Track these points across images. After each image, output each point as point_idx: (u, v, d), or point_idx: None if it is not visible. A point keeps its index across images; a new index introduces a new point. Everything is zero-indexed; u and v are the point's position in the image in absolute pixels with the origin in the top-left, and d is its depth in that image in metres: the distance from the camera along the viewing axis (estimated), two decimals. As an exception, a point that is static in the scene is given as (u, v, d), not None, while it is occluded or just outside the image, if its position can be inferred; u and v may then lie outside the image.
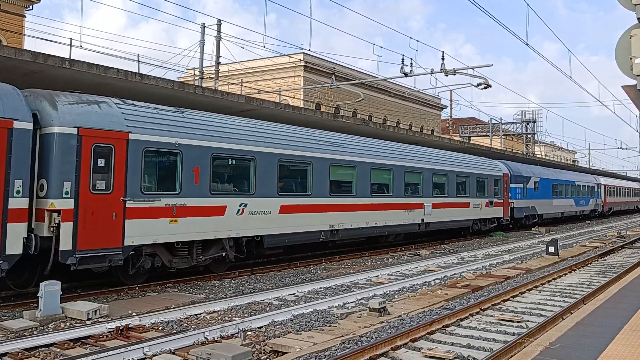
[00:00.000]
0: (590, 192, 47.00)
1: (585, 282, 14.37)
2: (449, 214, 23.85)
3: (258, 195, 14.59)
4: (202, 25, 28.38)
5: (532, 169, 34.92)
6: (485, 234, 28.15)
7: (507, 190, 29.86)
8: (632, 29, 7.58)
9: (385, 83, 49.36)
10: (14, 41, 32.19)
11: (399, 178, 20.69)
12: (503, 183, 29.23)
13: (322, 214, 16.79)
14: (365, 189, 18.79)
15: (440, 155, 24.61)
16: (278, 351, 7.85)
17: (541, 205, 35.14)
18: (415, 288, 13.17)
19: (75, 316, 9.43)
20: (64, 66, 12.82)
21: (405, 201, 20.93)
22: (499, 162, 30.67)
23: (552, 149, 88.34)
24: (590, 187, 47.26)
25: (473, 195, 25.94)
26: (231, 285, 13.29)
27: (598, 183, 50.04)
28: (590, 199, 46.85)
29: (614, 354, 6.29)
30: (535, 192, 33.87)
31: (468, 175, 25.69)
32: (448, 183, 23.97)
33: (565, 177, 41.00)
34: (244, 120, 15.60)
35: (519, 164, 34.36)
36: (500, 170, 29.57)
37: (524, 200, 32.36)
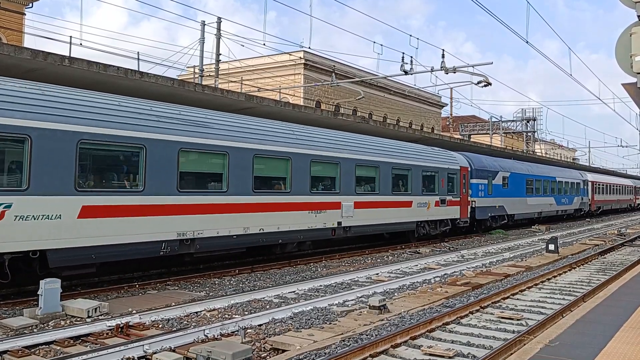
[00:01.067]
0: (575, 189, 42.51)
1: (585, 279, 14.38)
2: (380, 215, 19.38)
3: (35, 192, 10.16)
4: (202, 23, 28.36)
5: (500, 163, 30.42)
6: (432, 238, 23.64)
7: (467, 187, 25.33)
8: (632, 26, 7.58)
9: (385, 81, 49.34)
10: (14, 39, 32.16)
11: (302, 170, 16.03)
12: (461, 178, 24.73)
13: (164, 217, 12.22)
14: (244, 185, 14.19)
15: (367, 142, 19.75)
16: (278, 349, 7.86)
17: (512, 204, 30.68)
18: (415, 286, 13.18)
19: (75, 314, 9.44)
20: (64, 64, 12.82)
21: (312, 199, 16.38)
22: (456, 153, 26.05)
23: (552, 147, 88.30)
24: (575, 183, 42.72)
25: (417, 192, 21.59)
26: (231, 283, 13.29)
27: (585, 179, 45.64)
28: (574, 196, 42.41)
29: (614, 351, 6.29)
30: (503, 189, 29.49)
31: (410, 167, 21.19)
32: (380, 177, 19.40)
33: (543, 172, 36.48)
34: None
35: (484, 156, 29.70)
36: (457, 163, 24.86)
37: (488, 199, 27.75)
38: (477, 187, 26.77)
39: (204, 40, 28.14)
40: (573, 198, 42.04)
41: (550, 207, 37.06)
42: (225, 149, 13.71)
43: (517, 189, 31.59)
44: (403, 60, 22.54)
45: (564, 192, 39.97)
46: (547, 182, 36.49)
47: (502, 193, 29.47)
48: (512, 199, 30.61)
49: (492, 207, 28.27)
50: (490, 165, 28.62)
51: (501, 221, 29.85)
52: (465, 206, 25.34)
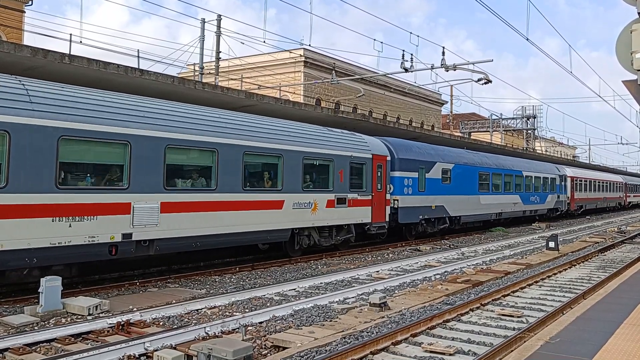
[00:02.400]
0: (549, 186, 36.39)
1: (586, 277, 14.39)
2: (217, 221, 13.38)
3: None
4: (202, 20, 28.35)
5: (441, 152, 24.45)
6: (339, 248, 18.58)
7: (384, 182, 19.63)
8: (632, 23, 7.57)
9: (385, 79, 49.28)
10: (14, 37, 32.13)
11: (43, 154, 10.27)
12: (374, 169, 19.08)
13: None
14: None
15: (195, 114, 13.48)
16: (279, 346, 7.87)
17: (456, 203, 24.58)
18: (415, 283, 13.19)
19: (76, 311, 9.45)
20: (64, 62, 12.81)
21: (62, 201, 10.51)
22: (370, 137, 20.26)
23: (552, 145, 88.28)
24: (549, 179, 36.51)
25: (293, 187, 15.70)
26: (232, 280, 13.30)
27: (562, 174, 39.28)
28: (549, 194, 36.28)
29: (615, 348, 6.30)
30: (444, 184, 23.69)
31: (280, 154, 15.23)
32: (219, 166, 13.49)
33: (504, 165, 30.42)
34: None
35: (415, 143, 23.66)
36: (367, 149, 19.05)
37: (419, 197, 21.94)
38: (401, 182, 20.91)
39: (204, 37, 28.14)
40: (546, 196, 35.89)
41: (514, 207, 31.08)
42: None
43: (466, 184, 25.59)
44: (403, 57, 22.55)
45: (534, 188, 33.97)
46: (509, 176, 30.56)
47: (442, 189, 23.58)
48: (456, 197, 24.55)
49: (424, 207, 22.24)
50: (422, 154, 22.65)
51: (440, 225, 23.91)
52: (382, 207, 19.43)
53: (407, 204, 21.23)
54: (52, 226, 10.28)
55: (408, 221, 21.66)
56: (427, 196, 22.58)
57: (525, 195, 32.74)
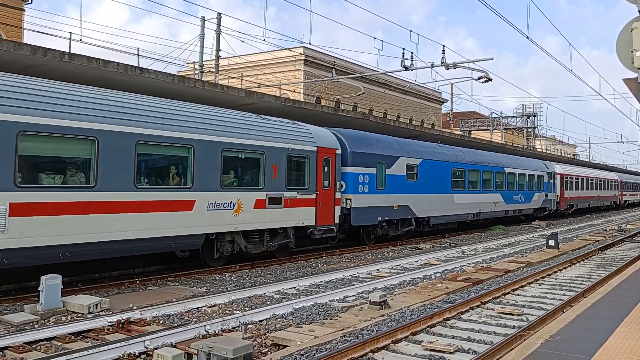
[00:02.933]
0: (535, 184, 33.86)
1: (586, 275, 14.39)
2: (96, 225, 10.91)
3: None
4: (202, 19, 28.32)
5: (405, 145, 21.76)
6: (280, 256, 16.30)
7: (333, 178, 17.16)
8: (633, 21, 7.57)
9: (385, 77, 49.29)
10: (13, 35, 32.12)
11: None
12: (319, 164, 16.58)
13: None
14: None
15: (61, 91, 10.84)
16: (279, 344, 7.87)
17: (424, 202, 22.02)
18: (416, 281, 13.19)
19: (76, 310, 9.45)
20: (64, 60, 12.80)
21: None
22: (316, 127, 17.56)
23: (552, 143, 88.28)
24: (536, 176, 33.98)
25: (209, 185, 13.22)
26: (232, 278, 13.30)
27: (551, 171, 36.81)
28: (535, 192, 33.71)
29: (615, 346, 6.30)
30: (409, 181, 21.17)
31: (190, 145, 12.78)
32: (99, 157, 11.01)
33: (482, 161, 27.69)
34: None
35: (373, 134, 20.73)
36: (311, 141, 16.49)
37: (378, 196, 19.44)
38: (355, 179, 18.39)
39: (204, 36, 28.12)
40: (532, 194, 33.37)
41: (495, 207, 28.39)
42: None
43: (436, 182, 23.07)
44: (403, 56, 22.51)
45: (518, 186, 31.38)
46: (489, 173, 27.93)
47: (407, 187, 21.04)
48: (424, 196, 22.04)
49: (384, 207, 19.70)
50: (382, 148, 20.04)
51: (404, 227, 21.36)
52: (330, 207, 17.06)
53: (362, 203, 18.66)
54: None
55: (363, 223, 18.99)
56: (388, 195, 20.02)
57: (508, 194, 30.10)
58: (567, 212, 41.10)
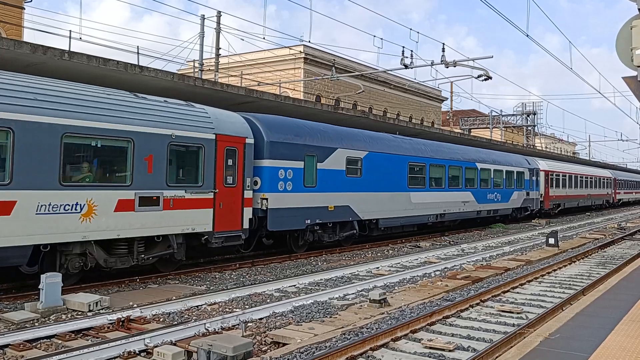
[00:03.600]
0: (515, 181, 30.81)
1: (585, 273, 14.40)
2: None
3: None
4: (202, 17, 28.30)
5: (344, 135, 18.36)
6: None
7: (240, 173, 14.13)
8: (632, 19, 7.56)
9: (385, 75, 49.28)
10: (13, 33, 32.09)
11: None
12: (220, 156, 13.59)
13: None
14: None
15: None
16: (279, 342, 7.88)
17: (371, 203, 18.96)
18: (415, 279, 13.21)
19: (76, 308, 9.46)
20: (64, 58, 12.80)
21: None
22: (221, 111, 14.34)
23: (552, 141, 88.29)
24: (515, 173, 30.95)
25: (42, 180, 10.24)
26: (232, 277, 13.32)
27: (533, 168, 33.74)
28: (514, 191, 30.63)
29: (614, 344, 6.31)
30: (350, 178, 18.02)
31: (9, 127, 9.79)
32: None
33: (449, 156, 24.33)
34: None
35: (299, 120, 17.29)
36: (210, 128, 13.43)
37: (306, 194, 16.23)
38: (273, 175, 15.20)
39: (204, 34, 28.10)
40: (510, 193, 30.29)
41: (464, 207, 25.15)
42: None
43: (387, 178, 19.88)
44: (403, 54, 22.49)
45: (494, 184, 28.29)
46: (456, 169, 24.74)
47: (347, 185, 17.86)
48: (370, 195, 18.91)
49: (315, 208, 16.53)
50: (312, 137, 16.69)
51: (345, 231, 18.25)
52: (236, 208, 13.96)
53: (284, 204, 15.48)
54: None
55: (285, 227, 15.76)
56: (320, 194, 16.77)
57: (481, 192, 26.75)
58: (553, 212, 37.91)
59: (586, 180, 45.47)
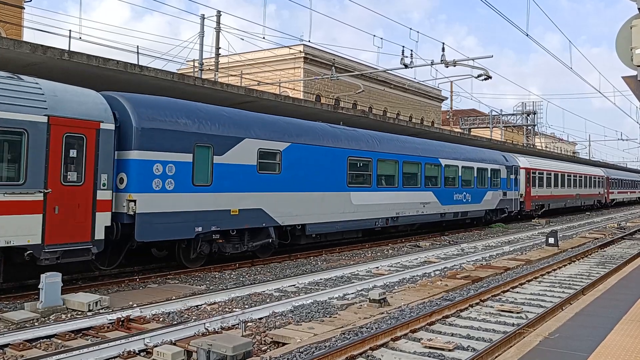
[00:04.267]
0: (488, 180, 27.44)
1: (585, 273, 14.40)
2: None
3: None
4: (202, 16, 28.29)
5: (255, 121, 15.09)
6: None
7: (92, 167, 11.16)
8: (632, 19, 7.55)
9: (385, 75, 49.27)
10: (13, 33, 32.08)
11: None
12: (55, 144, 10.53)
13: None
14: None
15: None
16: (278, 342, 7.89)
17: (294, 204, 15.82)
18: (415, 279, 13.21)
19: (76, 307, 9.47)
20: (64, 58, 12.80)
21: None
22: (64, 87, 11.15)
23: (552, 141, 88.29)
24: (488, 170, 27.41)
25: None
26: (231, 276, 13.32)
27: (512, 165, 30.46)
28: (487, 190, 27.29)
29: (613, 343, 6.31)
30: (265, 175, 14.89)
31: None
32: None
33: (404, 150, 21.07)
34: None
35: (185, 102, 13.93)
36: (39, 107, 10.31)
37: (196, 195, 13.21)
38: (146, 170, 12.19)
39: (204, 34, 28.09)
40: (483, 193, 26.89)
41: (425, 208, 22.01)
42: None
43: (318, 175, 16.54)
44: (403, 53, 22.48)
45: (462, 183, 24.96)
46: (414, 165, 21.56)
47: (259, 183, 14.65)
48: (292, 196, 15.66)
49: (210, 212, 13.42)
50: (206, 123, 13.56)
51: (258, 240, 14.97)
52: (81, 214, 10.89)
53: (161, 207, 12.32)
54: None
55: (162, 237, 12.58)
56: (218, 194, 13.61)
57: (445, 192, 23.53)
58: (536, 213, 35.00)
59: (574, 179, 42.29)
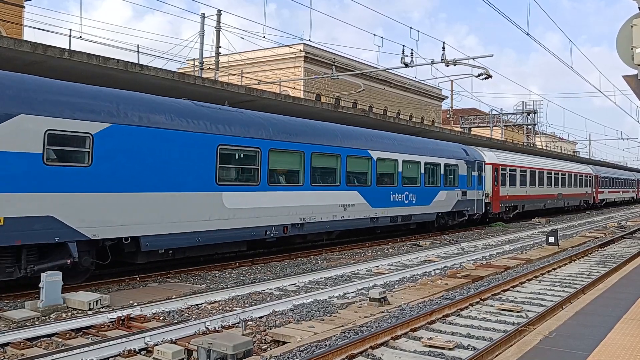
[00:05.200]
0: (441, 178, 23.01)
1: (585, 272, 14.41)
2: None
3: None
4: (202, 15, 28.28)
5: (40, 87, 10.53)
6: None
7: None
8: (633, 18, 7.56)
9: (385, 74, 49.25)
10: (13, 32, 32.09)
11: None
12: None
13: None
14: None
15: None
16: (279, 341, 7.89)
17: (119, 209, 11.45)
18: (415, 278, 13.21)
19: (76, 306, 9.47)
20: (64, 57, 12.80)
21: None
22: None
23: (552, 140, 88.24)
24: (443, 166, 23.18)
25: None
26: (232, 275, 13.33)
27: (474, 160, 25.96)
28: (440, 190, 22.90)
29: (613, 342, 6.31)
30: (60, 168, 10.51)
31: None
32: None
33: (312, 139, 16.60)
34: None
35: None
36: None
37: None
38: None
39: (204, 33, 28.09)
40: (435, 193, 22.56)
41: (345, 212, 17.61)
42: None
43: (165, 169, 12.38)
44: (403, 52, 22.49)
45: (404, 181, 20.54)
46: (330, 158, 17.19)
47: (44, 179, 10.29)
48: (112, 197, 11.39)
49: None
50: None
51: (44, 263, 10.49)
52: None
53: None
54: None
55: None
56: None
57: (378, 192, 19.19)
58: (506, 216, 30.35)
59: (555, 177, 37.41)
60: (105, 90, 11.91)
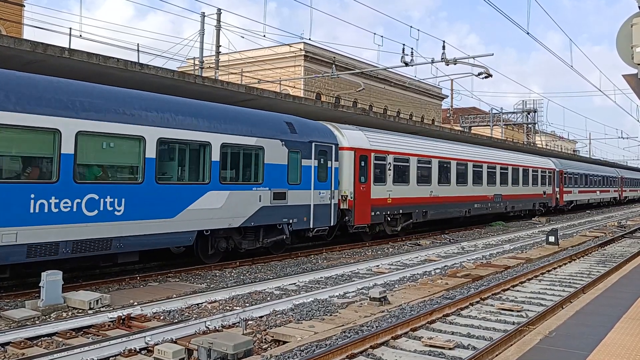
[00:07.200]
0: (217, 169, 13.22)
1: (585, 271, 14.41)
2: None
3: None
4: (202, 14, 28.26)
5: None
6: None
7: None
8: (633, 17, 7.56)
9: (386, 73, 49.23)
10: (13, 31, 32.08)
11: None
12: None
13: None
14: None
15: None
16: (279, 340, 7.90)
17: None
18: (415, 277, 13.21)
19: (77, 306, 9.47)
20: (64, 56, 12.79)
21: None
22: None
23: (552, 139, 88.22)
24: (221, 150, 13.31)
25: None
26: (232, 275, 13.33)
27: (312, 142, 16.25)
28: (210, 190, 13.07)
29: (613, 342, 6.32)
30: None
31: None
32: None
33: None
34: None
35: None
36: None
37: None
38: None
39: (204, 32, 28.07)
40: (188, 195, 12.67)
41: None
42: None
43: None
44: (404, 51, 22.47)
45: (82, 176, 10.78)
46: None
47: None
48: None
49: None
50: None
51: None
52: None
53: None
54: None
55: None
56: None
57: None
58: (394, 230, 20.76)
59: (490, 172, 27.59)
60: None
